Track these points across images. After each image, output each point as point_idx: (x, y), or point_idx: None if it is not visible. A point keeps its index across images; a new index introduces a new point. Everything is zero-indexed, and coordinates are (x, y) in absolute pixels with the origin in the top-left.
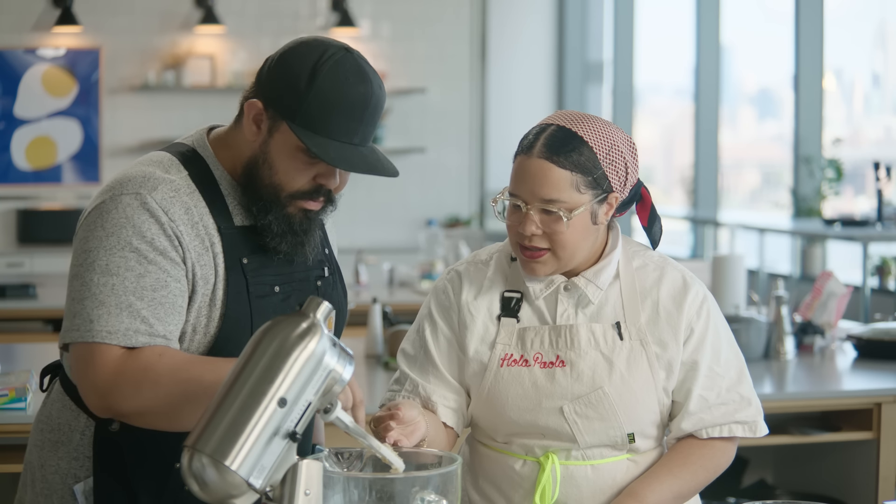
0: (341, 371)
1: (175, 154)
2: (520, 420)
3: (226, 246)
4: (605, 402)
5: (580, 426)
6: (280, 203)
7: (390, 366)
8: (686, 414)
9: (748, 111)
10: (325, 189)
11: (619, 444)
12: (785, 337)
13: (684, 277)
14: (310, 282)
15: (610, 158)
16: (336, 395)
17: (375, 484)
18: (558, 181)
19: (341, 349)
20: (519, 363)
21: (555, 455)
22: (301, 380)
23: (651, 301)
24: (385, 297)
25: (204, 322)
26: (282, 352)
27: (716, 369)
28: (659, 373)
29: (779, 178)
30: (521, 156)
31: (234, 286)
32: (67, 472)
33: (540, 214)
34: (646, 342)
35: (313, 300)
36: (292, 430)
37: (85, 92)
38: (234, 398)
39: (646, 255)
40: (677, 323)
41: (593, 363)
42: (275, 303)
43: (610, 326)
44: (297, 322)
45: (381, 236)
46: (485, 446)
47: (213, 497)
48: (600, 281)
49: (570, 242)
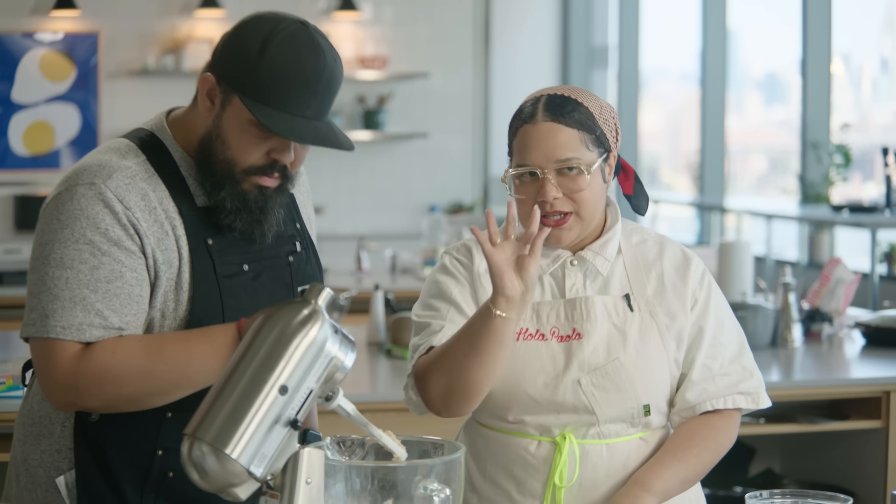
0: (343, 358)
1: (133, 139)
2: (537, 395)
3: (188, 228)
4: (621, 372)
5: (598, 398)
6: (234, 179)
7: (393, 353)
8: (689, 383)
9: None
10: (279, 164)
11: (636, 418)
12: (792, 324)
13: (683, 251)
14: (281, 258)
15: (603, 118)
16: (338, 382)
17: (377, 472)
18: (569, 140)
19: (343, 336)
20: (535, 337)
21: (571, 434)
22: (302, 367)
23: (656, 273)
24: (387, 284)
25: (172, 306)
26: (283, 339)
27: (720, 338)
28: (670, 343)
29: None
30: (525, 125)
31: (200, 268)
32: (51, 464)
33: (557, 177)
34: (655, 314)
35: (315, 286)
36: (293, 417)
37: (83, 76)
38: (235, 386)
39: (644, 232)
40: (683, 293)
41: (608, 334)
42: (245, 282)
43: (620, 298)
44: (299, 309)
45: (383, 222)
46: (493, 430)
47: (213, 486)
48: (607, 253)
49: (591, 200)
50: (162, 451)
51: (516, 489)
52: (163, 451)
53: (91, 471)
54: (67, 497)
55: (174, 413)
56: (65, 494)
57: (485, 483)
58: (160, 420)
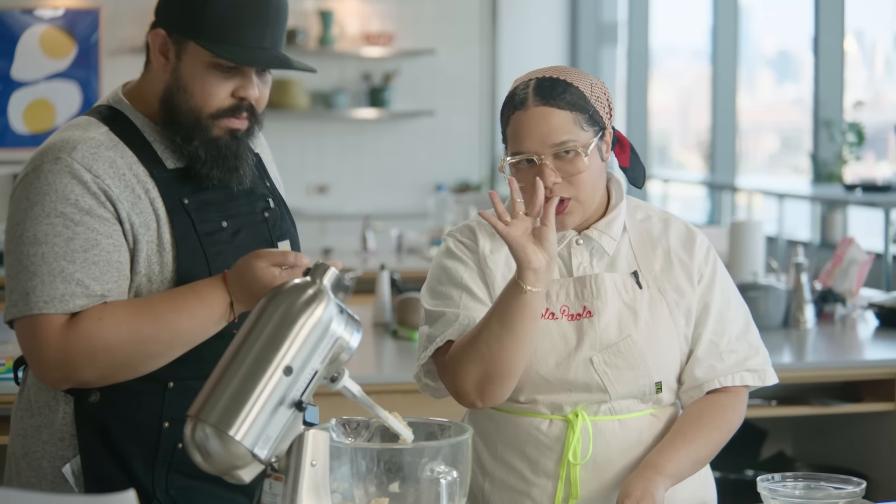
0: (348, 339)
1: (92, 114)
2: (549, 375)
3: (162, 190)
4: (633, 349)
5: (610, 376)
6: (202, 127)
7: (399, 334)
8: (696, 360)
9: (766, 74)
10: (246, 103)
11: (647, 395)
12: (805, 305)
13: (687, 226)
14: (256, 214)
15: (595, 95)
16: (343, 362)
17: (383, 455)
18: (563, 123)
19: (349, 316)
20: (546, 316)
21: (584, 411)
22: (307, 348)
23: (662, 249)
24: (393, 264)
25: (157, 269)
26: (287, 319)
27: (726, 314)
28: (679, 319)
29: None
30: (517, 112)
31: (180, 227)
32: (55, 454)
33: (555, 161)
34: (663, 290)
35: (320, 265)
36: (298, 399)
37: (84, 53)
38: (239, 366)
39: (647, 208)
40: (690, 269)
41: (619, 312)
42: (226, 238)
43: (628, 276)
44: (303, 288)
45: (388, 202)
46: (504, 411)
47: (216, 468)
48: (613, 231)
49: (590, 182)
50: (168, 422)
51: (530, 469)
52: (169, 422)
53: (97, 454)
54: (75, 485)
55: (176, 382)
56: (73, 483)
57: (496, 465)
58: (162, 391)
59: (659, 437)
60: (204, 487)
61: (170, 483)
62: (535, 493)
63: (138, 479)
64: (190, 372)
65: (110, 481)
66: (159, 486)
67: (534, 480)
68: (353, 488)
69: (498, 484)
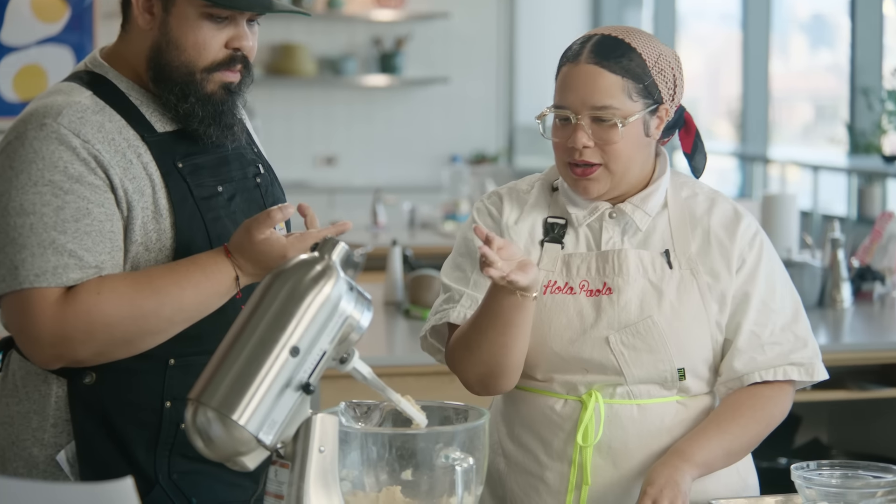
0: (359, 318)
1: (73, 80)
2: (563, 352)
3: (155, 153)
4: (653, 331)
5: (627, 358)
6: (196, 83)
7: (411, 313)
8: (736, 352)
9: (800, 39)
10: (240, 54)
11: (669, 382)
12: (841, 283)
13: (735, 208)
14: (248, 179)
15: (659, 67)
16: (353, 343)
17: (395, 440)
18: (609, 87)
19: (359, 293)
20: (564, 290)
21: (598, 392)
22: (315, 327)
23: (702, 230)
24: (405, 240)
25: (154, 237)
26: (294, 296)
27: (770, 304)
28: (711, 305)
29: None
30: (568, 64)
31: (177, 191)
32: (48, 441)
33: (591, 125)
34: (696, 272)
35: (328, 241)
36: (305, 381)
37: (77, 17)
38: (242, 347)
39: (695, 185)
40: (730, 253)
41: (642, 291)
42: (222, 203)
43: (658, 254)
44: (311, 264)
45: (400, 174)
46: (521, 389)
47: (219, 454)
48: (648, 207)
49: (624, 154)
50: (170, 402)
51: (543, 451)
52: (171, 402)
53: (94, 439)
54: (71, 473)
55: (177, 359)
56: (67, 471)
57: (512, 446)
58: (163, 369)
59: (688, 427)
60: (208, 471)
61: (172, 467)
62: (548, 477)
63: (139, 464)
64: (191, 348)
65: (108, 467)
66: (161, 471)
67: (547, 463)
68: (363, 476)
69: (514, 466)
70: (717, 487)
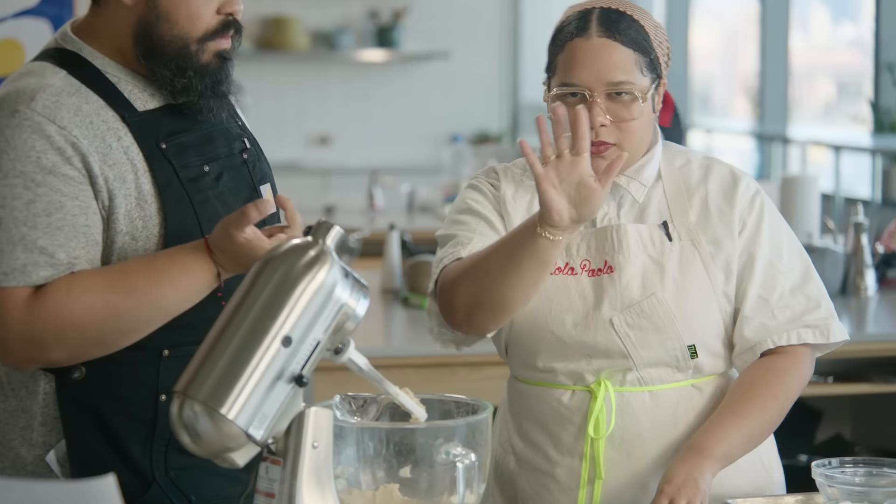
0: (354, 306)
1: (43, 59)
2: (565, 337)
3: (137, 135)
4: (659, 309)
5: (633, 339)
6: (192, 55)
7: (410, 302)
8: (745, 319)
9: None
10: (232, 20)
11: (681, 362)
12: (865, 270)
13: (732, 171)
14: (235, 156)
15: (658, 40)
16: (349, 332)
17: (393, 435)
18: (625, 61)
19: (354, 280)
20: (564, 271)
21: (608, 381)
22: (308, 315)
23: (699, 198)
24: (404, 224)
25: (140, 225)
26: (286, 283)
27: (777, 265)
28: (716, 275)
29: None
30: (577, 39)
31: (162, 174)
32: (37, 441)
33: (607, 101)
34: (697, 242)
35: (322, 224)
36: (298, 373)
37: None
38: (232, 337)
39: (688, 154)
40: (730, 218)
41: (643, 267)
42: (209, 183)
43: (656, 227)
44: (304, 249)
45: (398, 154)
46: (524, 382)
47: (206, 450)
48: (643, 177)
49: (639, 131)
50: (165, 395)
51: (553, 446)
52: (166, 395)
53: (86, 437)
54: (61, 473)
55: (171, 350)
56: (58, 471)
57: (521, 443)
58: (157, 361)
59: (703, 413)
60: (207, 466)
61: (169, 463)
62: (559, 474)
63: (134, 463)
64: (185, 337)
65: (102, 466)
66: (158, 468)
67: (557, 459)
68: (358, 473)
69: (524, 464)
70: (740, 482)
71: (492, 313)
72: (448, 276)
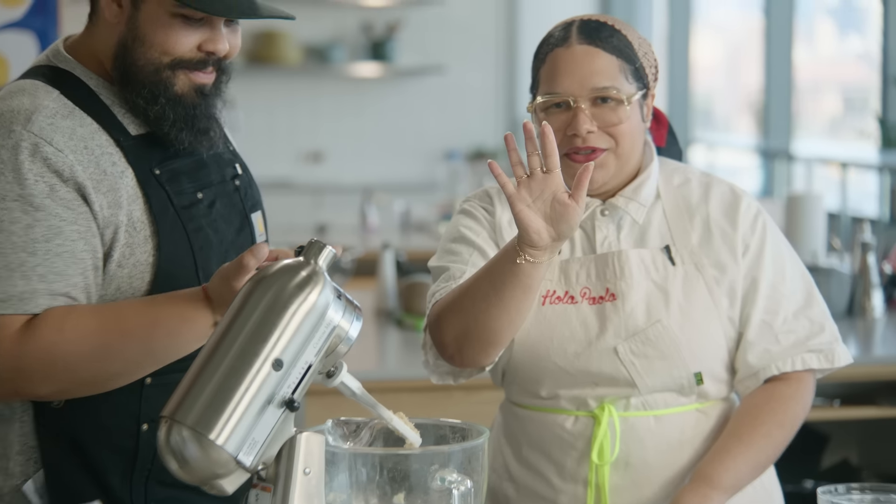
0: (347, 328)
1: (34, 77)
2: (568, 367)
3: (131, 159)
4: (664, 336)
5: (638, 367)
6: (163, 81)
7: (404, 323)
8: (748, 344)
9: (828, 24)
10: (213, 58)
11: (686, 388)
12: (872, 291)
13: (733, 189)
14: (227, 183)
15: (643, 50)
16: (341, 355)
17: (387, 461)
18: (608, 66)
19: (347, 301)
20: (564, 300)
21: (612, 406)
22: (300, 338)
23: (700, 219)
24: (398, 243)
25: (128, 252)
26: (277, 304)
27: (780, 289)
28: (721, 300)
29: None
30: (557, 49)
31: (157, 201)
32: (13, 471)
33: (592, 108)
34: (701, 266)
35: (314, 243)
36: (289, 397)
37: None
38: (221, 360)
39: (686, 171)
40: (733, 240)
41: (647, 294)
42: (202, 211)
43: (658, 251)
44: (295, 270)
45: (393, 171)
46: (525, 408)
47: (195, 477)
48: (641, 197)
49: (631, 135)
50: (147, 424)
51: (556, 473)
52: (148, 424)
53: (65, 467)
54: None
55: (154, 377)
56: (35, 502)
57: (521, 469)
58: (139, 389)
59: (709, 437)
60: (188, 498)
61: (150, 495)
62: (562, 501)
63: (113, 494)
64: (170, 365)
65: (80, 497)
66: (138, 500)
67: (560, 486)
68: (351, 500)
69: (523, 491)
70: None
71: (480, 345)
72: (436, 310)
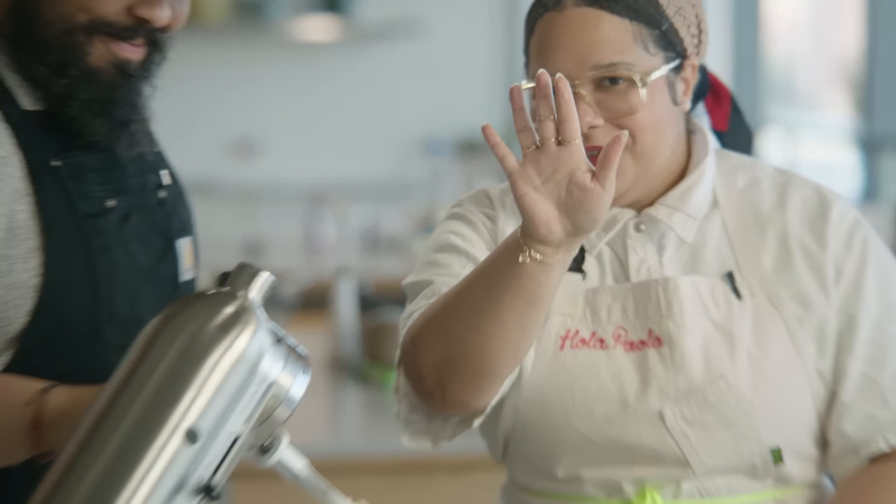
0: (289, 384)
1: None
2: (594, 436)
3: (22, 141)
4: (730, 397)
5: (693, 440)
6: (76, 47)
7: (368, 378)
8: (844, 408)
9: None
10: (147, 27)
11: (759, 469)
12: None
13: (819, 191)
14: (148, 193)
15: (677, 6)
16: (281, 423)
17: None
18: (616, 35)
19: (289, 348)
20: (590, 344)
21: (655, 492)
22: (223, 399)
23: (775, 234)
24: (360, 267)
25: (3, 267)
26: (191, 354)
27: (889, 331)
28: (807, 346)
29: None
30: (548, 14)
31: (52, 203)
32: None
33: (596, 92)
34: (777, 299)
35: (244, 268)
36: (206, 482)
37: None
38: (111, 432)
39: (754, 167)
40: (821, 262)
41: (704, 338)
42: (112, 226)
43: (719, 279)
44: (217, 304)
45: (352, 169)
46: (536, 494)
47: None
48: (691, 207)
49: (652, 127)
50: None
51: None
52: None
53: None
54: None
55: None
56: None
57: None
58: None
59: None
60: None
61: None
62: None
63: None
64: None
65: None
66: None
67: None
68: None
69: None
70: None
71: (469, 375)
72: (412, 331)
